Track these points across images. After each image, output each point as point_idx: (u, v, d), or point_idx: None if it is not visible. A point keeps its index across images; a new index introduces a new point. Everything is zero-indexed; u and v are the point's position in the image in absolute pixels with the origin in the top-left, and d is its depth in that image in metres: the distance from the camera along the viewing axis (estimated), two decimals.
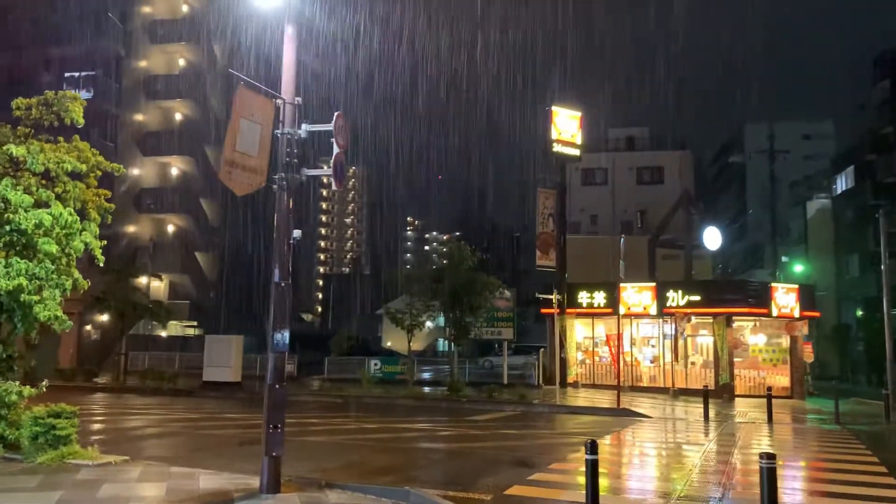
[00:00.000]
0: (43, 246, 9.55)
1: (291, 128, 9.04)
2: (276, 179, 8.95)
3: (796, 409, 23.56)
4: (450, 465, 11.45)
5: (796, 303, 26.13)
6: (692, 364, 26.86)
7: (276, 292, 8.80)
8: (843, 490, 9.76)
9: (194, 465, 10.24)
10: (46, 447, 9.94)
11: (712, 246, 31.21)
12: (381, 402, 21.67)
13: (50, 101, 10.15)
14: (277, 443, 8.62)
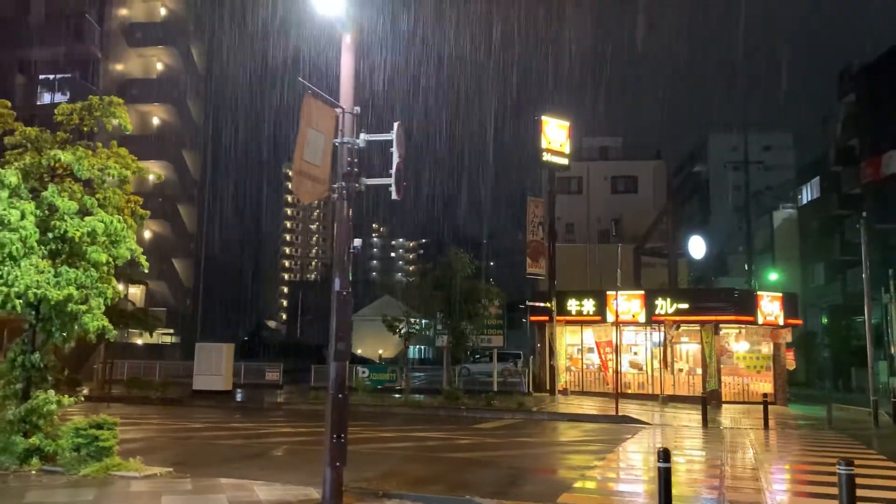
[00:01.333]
0: (92, 255, 9.39)
1: (350, 137, 9.07)
2: (335, 189, 8.95)
3: (783, 415, 24.13)
4: (485, 474, 11.49)
5: (781, 311, 26.82)
6: (679, 371, 27.34)
7: (337, 302, 8.79)
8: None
9: (237, 475, 10.13)
10: (89, 459, 9.75)
11: (697, 254, 31.88)
12: (381, 411, 21.59)
13: (94, 106, 9.98)
14: (341, 453, 8.60)
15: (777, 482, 11.08)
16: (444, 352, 24.72)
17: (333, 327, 8.77)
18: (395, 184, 9.09)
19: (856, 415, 24.52)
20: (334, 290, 8.85)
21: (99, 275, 9.77)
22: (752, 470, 11.91)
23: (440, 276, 23.07)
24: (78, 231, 9.43)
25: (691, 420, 20.99)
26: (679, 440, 16.62)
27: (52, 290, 9.00)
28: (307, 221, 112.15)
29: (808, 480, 11.41)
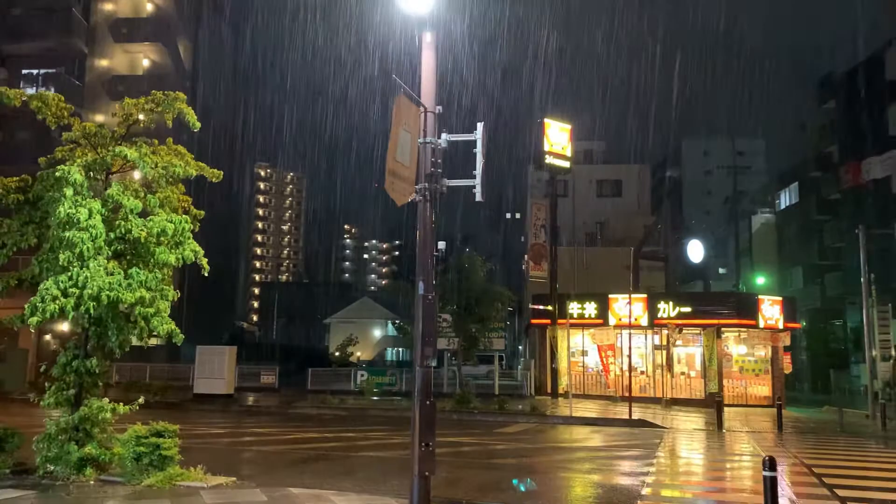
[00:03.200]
0: (161, 255, 9.02)
1: (433, 137, 8.86)
2: (418, 190, 8.73)
3: (787, 418, 24.29)
4: (545, 481, 11.33)
5: (780, 314, 27.17)
6: (679, 374, 27.53)
7: (423, 305, 8.57)
8: None
9: (299, 484, 9.84)
10: (151, 468, 9.37)
11: (696, 258, 32.14)
12: (395, 416, 21.31)
13: (159, 101, 9.59)
14: (430, 462, 8.37)
15: (851, 488, 11.11)
16: (458, 354, 24.49)
17: (419, 332, 8.54)
18: (480, 185, 8.92)
19: (852, 417, 24.84)
20: (419, 294, 8.63)
21: (162, 276, 9.41)
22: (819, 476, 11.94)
23: (453, 278, 22.88)
24: (143, 231, 9.06)
25: (703, 423, 21.10)
26: (714, 444, 16.66)
27: (125, 292, 8.63)
28: (279, 222, 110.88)
29: (881, 487, 11.47)
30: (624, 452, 14.42)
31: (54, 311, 8.29)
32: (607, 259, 39.66)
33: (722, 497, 10.26)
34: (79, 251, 8.41)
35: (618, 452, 14.44)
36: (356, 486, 10.21)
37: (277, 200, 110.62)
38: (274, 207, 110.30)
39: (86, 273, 8.46)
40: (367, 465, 12.32)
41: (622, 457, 13.86)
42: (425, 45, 9.06)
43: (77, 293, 8.38)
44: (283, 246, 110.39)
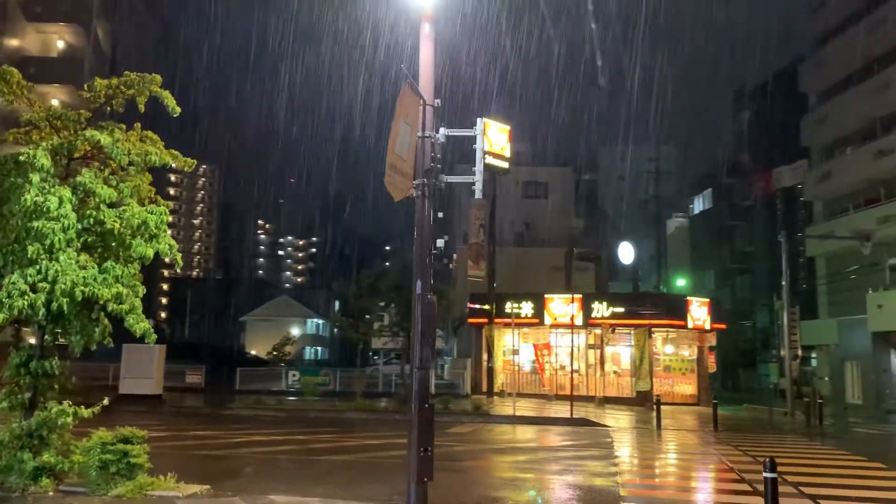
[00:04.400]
0: (138, 248, 8.38)
1: (431, 131, 8.60)
2: (416, 185, 8.45)
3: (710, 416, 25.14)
4: (527, 480, 11.23)
5: (708, 315, 28.13)
6: (614, 373, 28.11)
7: (421, 305, 8.29)
8: None
9: (277, 492, 9.38)
10: (118, 477, 8.71)
11: (626, 259, 32.87)
12: (335, 417, 20.85)
13: (131, 82, 8.89)
14: (428, 468, 8.10)
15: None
16: (401, 355, 24.12)
17: (418, 332, 8.25)
18: (480, 182, 8.72)
19: (773, 415, 25.89)
20: (416, 292, 8.35)
21: (133, 271, 8.77)
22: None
23: (398, 276, 22.53)
24: (117, 222, 8.41)
25: (641, 422, 21.61)
26: (664, 443, 17.00)
27: (101, 287, 7.96)
28: (190, 215, 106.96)
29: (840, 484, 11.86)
30: (583, 452, 14.50)
31: (23, 307, 7.58)
32: (536, 259, 40.17)
33: (697, 497, 10.41)
34: (49, 242, 7.71)
35: (578, 452, 14.50)
36: (335, 492, 9.81)
37: (189, 193, 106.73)
38: (185, 200, 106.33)
39: (56, 266, 7.76)
40: (336, 469, 11.90)
41: (584, 457, 13.93)
42: (424, 37, 8.79)
43: (47, 288, 7.69)
44: (194, 241, 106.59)
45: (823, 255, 38.82)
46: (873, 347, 33.82)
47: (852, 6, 36.12)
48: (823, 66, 38.73)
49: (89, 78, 32.12)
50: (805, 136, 41.60)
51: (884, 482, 11.63)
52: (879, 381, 33.77)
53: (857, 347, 35.34)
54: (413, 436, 8.17)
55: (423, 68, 8.74)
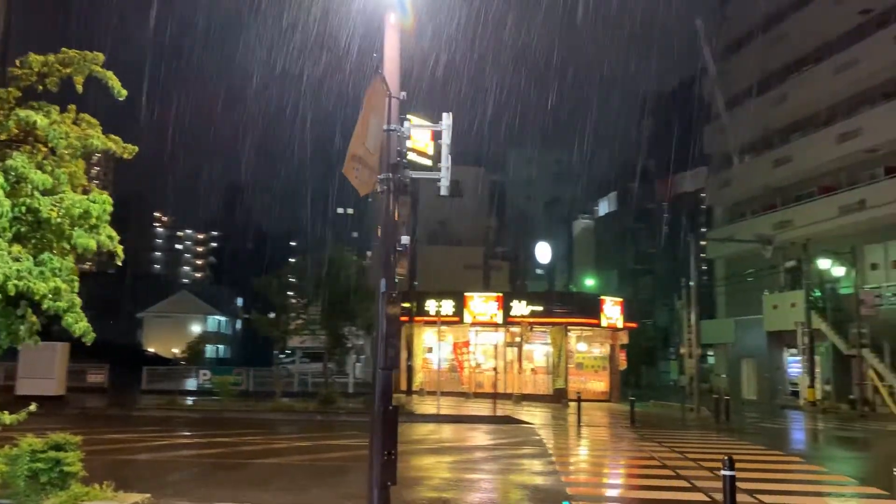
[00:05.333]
0: (79, 240, 7.72)
1: (397, 124, 8.37)
2: (382, 180, 8.21)
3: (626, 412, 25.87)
4: (471, 485, 11.14)
5: (620, 314, 28.96)
6: (531, 371, 28.51)
7: (384, 304, 8.05)
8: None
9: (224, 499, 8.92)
10: (50, 488, 8.04)
11: (544, 259, 33.39)
12: (255, 418, 20.15)
13: (70, 60, 8.17)
14: (391, 472, 7.87)
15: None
16: (326, 354, 23.53)
17: (382, 332, 8.01)
18: (446, 178, 8.55)
19: (678, 412, 26.90)
20: (380, 291, 8.11)
21: (70, 265, 8.09)
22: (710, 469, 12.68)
23: (321, 273, 21.97)
24: (54, 210, 7.73)
25: (561, 418, 22.00)
26: (592, 440, 17.31)
27: (38, 282, 7.28)
28: None
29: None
30: (518, 451, 14.57)
31: None
32: (451, 257, 40.28)
33: (640, 494, 10.59)
34: None
35: (513, 451, 14.55)
36: (283, 498, 9.46)
37: None
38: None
39: None
40: (274, 473, 11.44)
41: (520, 455, 13.99)
42: (388, 27, 8.54)
43: None
44: None
45: (722, 257, 40.73)
46: (768, 346, 35.80)
47: (753, 23, 38.03)
48: (725, 78, 40.62)
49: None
50: (707, 143, 43.56)
51: (801, 475, 12.26)
52: (773, 378, 35.76)
53: (752, 346, 37.31)
54: (376, 439, 7.92)
55: (388, 60, 8.50)
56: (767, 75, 37.27)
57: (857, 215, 30.56)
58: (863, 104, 31.77)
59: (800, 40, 34.76)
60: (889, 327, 29.10)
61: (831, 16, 33.05)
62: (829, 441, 19.09)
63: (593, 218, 60.05)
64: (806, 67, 34.97)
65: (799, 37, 34.74)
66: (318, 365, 35.53)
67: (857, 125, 31.46)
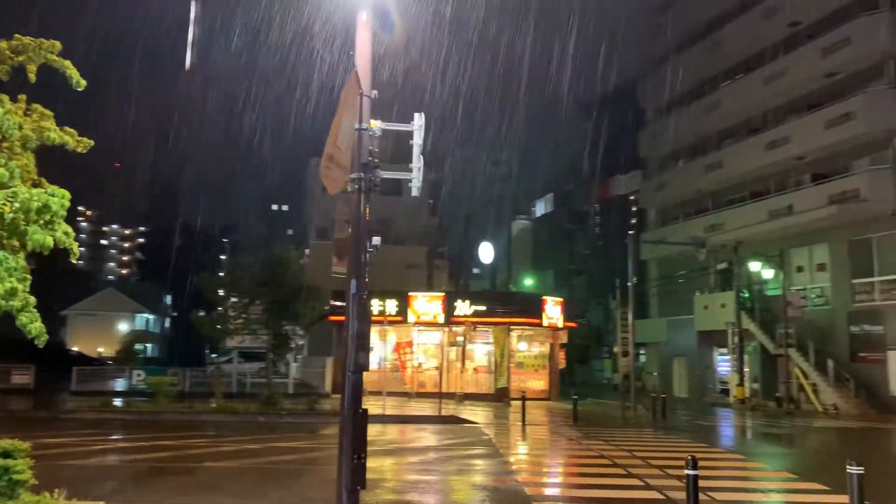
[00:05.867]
0: (35, 237, 7.33)
1: (367, 123, 8.26)
2: (353, 179, 8.09)
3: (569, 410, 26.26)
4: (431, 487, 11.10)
5: (561, 314, 29.38)
6: (474, 371, 28.64)
7: (355, 306, 7.94)
8: None
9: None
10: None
11: (486, 259, 33.57)
12: (196, 419, 19.59)
13: (23, 47, 7.73)
14: (361, 476, 7.75)
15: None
16: (268, 353, 23.03)
17: (352, 334, 7.89)
18: (418, 178, 8.49)
19: (615, 410, 27.50)
20: (351, 293, 7.99)
21: (23, 263, 7.70)
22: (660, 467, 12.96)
23: (265, 272, 21.51)
24: (7, 205, 7.33)
25: (505, 417, 22.19)
26: (542, 439, 17.48)
27: None
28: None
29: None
30: (471, 451, 14.61)
31: None
32: (391, 256, 40.03)
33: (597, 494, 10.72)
34: None
35: (465, 451, 14.58)
36: (240, 502, 9.20)
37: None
38: None
39: None
40: (226, 477, 11.15)
41: (473, 456, 14.03)
42: (360, 24, 8.41)
43: None
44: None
45: (655, 258, 41.76)
46: (698, 345, 36.93)
47: (688, 30, 39.15)
48: (660, 84, 41.64)
49: None
50: (642, 148, 44.61)
51: (746, 472, 12.69)
52: (703, 377, 36.92)
53: (683, 345, 38.43)
54: (346, 442, 7.79)
55: (359, 57, 8.37)
56: (702, 82, 38.43)
57: (786, 220, 31.79)
58: (791, 113, 33.08)
59: (733, 49, 35.94)
60: (813, 328, 30.43)
61: (763, 27, 34.30)
62: (764, 438, 19.82)
63: (531, 219, 60.76)
64: (738, 76, 36.19)
65: (732, 46, 35.92)
66: (253, 365, 34.89)
67: (785, 133, 32.73)
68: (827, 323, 30.56)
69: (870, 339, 28.95)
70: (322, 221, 46.25)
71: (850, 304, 29.82)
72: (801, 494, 10.51)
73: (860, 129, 28.96)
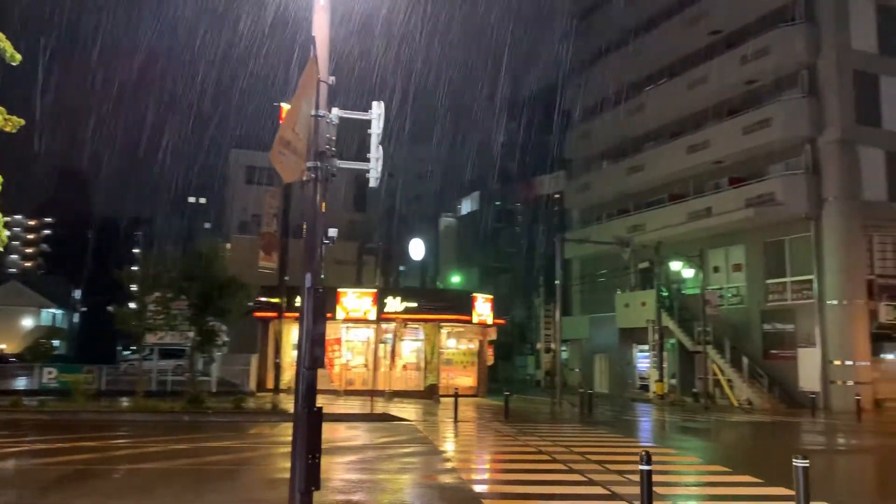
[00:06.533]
0: None
1: (325, 110, 7.96)
2: (310, 168, 7.77)
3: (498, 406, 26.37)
4: (377, 486, 10.85)
5: (491, 311, 29.51)
6: (404, 367, 28.43)
7: (311, 300, 7.63)
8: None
9: None
10: None
11: (417, 256, 33.35)
12: (116, 419, 18.75)
13: None
14: (315, 477, 7.47)
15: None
16: (192, 351, 22.11)
17: (308, 330, 7.58)
18: (377, 169, 8.23)
19: (542, 405, 27.81)
20: (306, 287, 7.67)
21: None
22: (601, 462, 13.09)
23: (192, 265, 20.66)
24: None
25: (437, 414, 22.11)
26: (476, 435, 17.44)
27: None
28: None
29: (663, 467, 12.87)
30: (409, 449, 14.43)
31: None
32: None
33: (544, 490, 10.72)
34: None
35: (404, 450, 14.39)
36: None
37: None
38: None
39: None
40: (159, 480, 10.58)
41: (413, 454, 13.86)
42: (318, 7, 8.10)
43: None
44: None
45: (578, 257, 42.49)
46: (619, 342, 37.83)
47: (615, 34, 39.95)
48: (586, 87, 42.43)
49: None
50: (568, 149, 45.34)
51: (681, 467, 12.99)
52: (623, 373, 37.86)
53: (605, 342, 39.31)
54: (299, 441, 7.50)
55: (318, 43, 8.04)
56: (626, 86, 39.27)
57: (705, 221, 32.85)
58: (712, 118, 34.22)
59: (657, 55, 36.88)
60: (728, 326, 31.63)
61: (686, 33, 35.35)
62: (689, 432, 20.37)
63: (456, 216, 60.92)
64: (662, 81, 37.18)
65: (656, 51, 36.86)
66: (169, 362, 33.63)
67: (706, 138, 33.83)
68: (742, 321, 31.81)
69: (782, 337, 30.31)
70: (243, 215, 45.11)
71: (763, 303, 31.13)
72: (740, 487, 10.79)
73: (776, 135, 30.21)
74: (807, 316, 29.09)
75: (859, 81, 29.33)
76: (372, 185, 8.30)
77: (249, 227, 42.71)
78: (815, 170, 29.28)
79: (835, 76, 29.26)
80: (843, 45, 29.42)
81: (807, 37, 29.69)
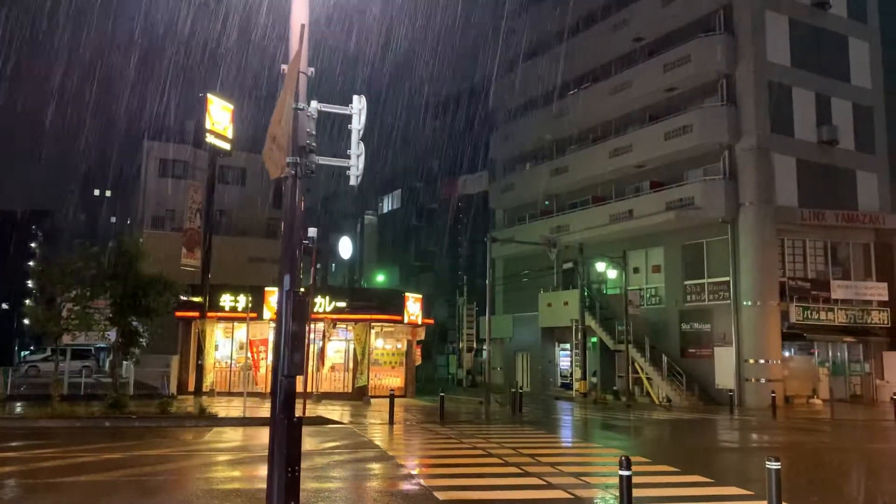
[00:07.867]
0: None
1: (304, 102, 7.57)
2: (289, 163, 7.37)
3: (431, 408, 26.18)
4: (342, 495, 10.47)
5: (420, 311, 29.29)
6: (331, 368, 27.85)
7: (290, 303, 7.23)
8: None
9: None
10: None
11: (346, 254, 32.73)
12: (31, 427, 17.42)
13: None
14: (295, 490, 7.09)
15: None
16: (115, 353, 20.84)
17: (287, 335, 7.19)
18: (357, 167, 7.87)
19: (469, 405, 27.81)
20: (284, 289, 7.26)
21: None
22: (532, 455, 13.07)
23: (117, 262, 19.46)
24: None
25: (370, 416, 21.75)
26: (422, 438, 17.18)
27: None
28: None
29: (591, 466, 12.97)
30: (357, 455, 14.04)
31: None
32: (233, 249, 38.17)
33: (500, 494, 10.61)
34: None
35: (352, 455, 14.00)
36: None
37: None
38: None
39: None
40: (99, 493, 9.84)
41: (362, 459, 13.48)
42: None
43: None
44: None
45: (502, 257, 42.82)
46: (541, 341, 38.36)
47: (540, 38, 40.46)
48: (512, 88, 42.82)
49: None
50: (493, 149, 45.63)
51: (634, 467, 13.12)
52: (545, 371, 38.42)
53: (527, 341, 39.81)
54: (277, 454, 7.09)
55: (294, 34, 7.64)
56: (552, 88, 39.81)
57: (626, 223, 33.68)
58: (634, 123, 35.13)
59: (583, 59, 37.57)
60: (648, 325, 32.55)
61: (611, 39, 36.17)
62: (624, 431, 20.75)
63: (377, 214, 60.39)
64: (586, 85, 37.89)
65: (582, 55, 37.53)
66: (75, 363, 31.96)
67: (627, 142, 34.69)
68: (661, 321, 32.80)
69: (699, 337, 31.43)
70: (157, 210, 43.33)
71: (682, 303, 32.18)
72: (693, 488, 10.98)
73: (695, 141, 31.28)
74: (723, 316, 30.25)
75: (774, 92, 30.73)
76: (352, 183, 7.96)
77: (163, 221, 41.04)
78: (732, 175, 30.48)
79: (751, 86, 30.53)
80: (759, 57, 30.76)
81: (725, 47, 30.87)
